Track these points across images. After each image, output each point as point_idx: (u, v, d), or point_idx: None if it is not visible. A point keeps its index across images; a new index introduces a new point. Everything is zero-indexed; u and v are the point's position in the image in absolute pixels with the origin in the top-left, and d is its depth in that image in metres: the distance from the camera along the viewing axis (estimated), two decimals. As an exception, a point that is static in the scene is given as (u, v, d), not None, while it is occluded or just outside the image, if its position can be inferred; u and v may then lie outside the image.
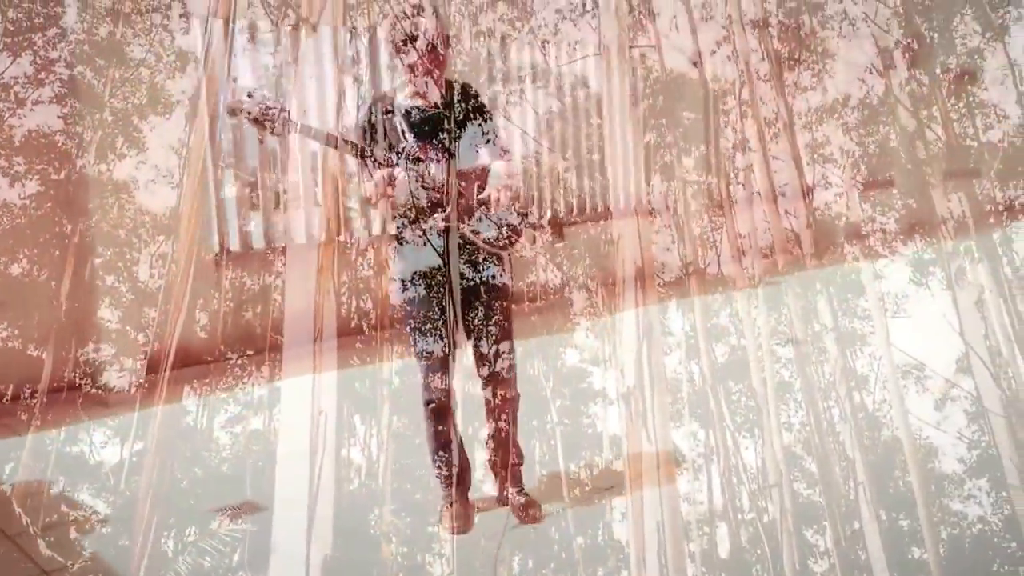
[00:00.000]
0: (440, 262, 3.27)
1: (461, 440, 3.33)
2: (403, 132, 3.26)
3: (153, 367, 4.36)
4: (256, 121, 3.07)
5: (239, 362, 4.43)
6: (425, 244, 3.29)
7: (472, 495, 3.01)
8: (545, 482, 2.99)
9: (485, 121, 3.28)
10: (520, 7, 6.29)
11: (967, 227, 4.82)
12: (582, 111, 6.09)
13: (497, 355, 3.21)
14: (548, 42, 6.24)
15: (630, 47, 6.22)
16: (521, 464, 3.31)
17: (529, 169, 5.74)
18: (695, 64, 6.55)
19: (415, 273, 3.22)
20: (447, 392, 3.26)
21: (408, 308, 3.29)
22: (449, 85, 3.30)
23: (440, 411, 3.28)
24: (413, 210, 3.25)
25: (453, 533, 3.13)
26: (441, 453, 3.30)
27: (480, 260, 3.22)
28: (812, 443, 2.98)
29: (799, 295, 4.32)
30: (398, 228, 3.28)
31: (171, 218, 4.78)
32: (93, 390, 4.16)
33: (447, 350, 3.31)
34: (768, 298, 4.38)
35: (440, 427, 3.28)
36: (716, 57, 6.27)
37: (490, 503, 2.79)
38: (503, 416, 3.24)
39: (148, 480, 3.03)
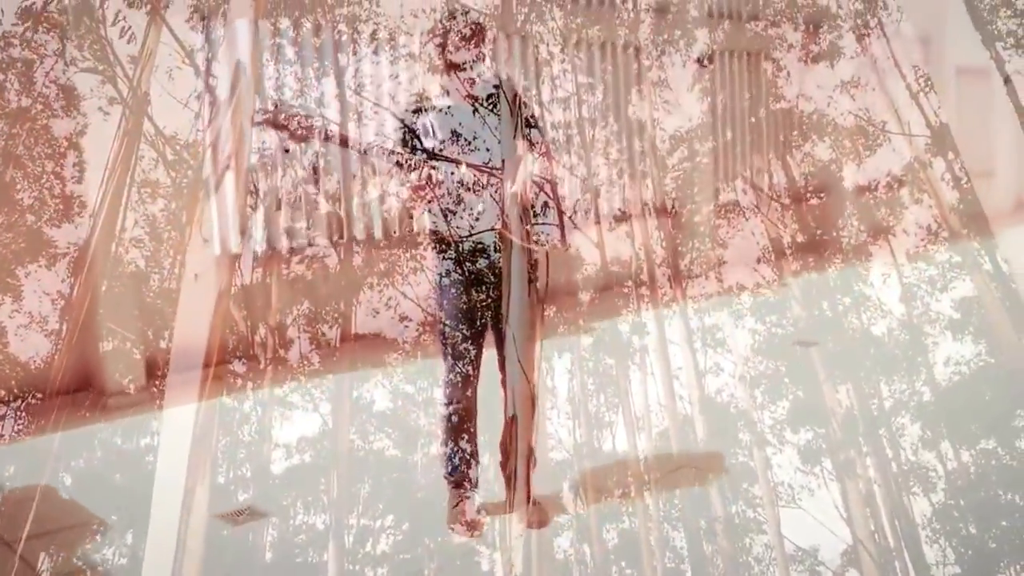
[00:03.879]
0: (482, 263, 3.18)
1: (476, 442, 3.17)
2: (434, 132, 3.22)
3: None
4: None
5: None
6: (465, 250, 3.19)
7: (480, 498, 2.92)
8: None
9: (528, 126, 3.26)
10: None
11: (855, 418, 4.88)
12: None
13: (521, 342, 3.10)
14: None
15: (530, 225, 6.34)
16: (533, 469, 3.15)
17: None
18: (596, 245, 6.71)
19: (457, 275, 3.13)
20: (471, 395, 3.15)
21: (443, 309, 3.21)
22: (494, 90, 3.29)
23: (460, 416, 3.18)
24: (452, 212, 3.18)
25: (462, 535, 2.98)
26: (455, 455, 3.15)
27: (520, 261, 3.16)
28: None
29: (688, 477, 4.24)
30: (435, 230, 3.23)
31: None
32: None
33: (476, 354, 3.21)
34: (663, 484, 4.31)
35: (457, 431, 3.14)
36: (614, 236, 6.44)
37: (497, 507, 2.71)
38: (518, 415, 3.15)
39: None
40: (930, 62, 8.88)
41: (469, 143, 3.32)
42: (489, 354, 3.34)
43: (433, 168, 3.24)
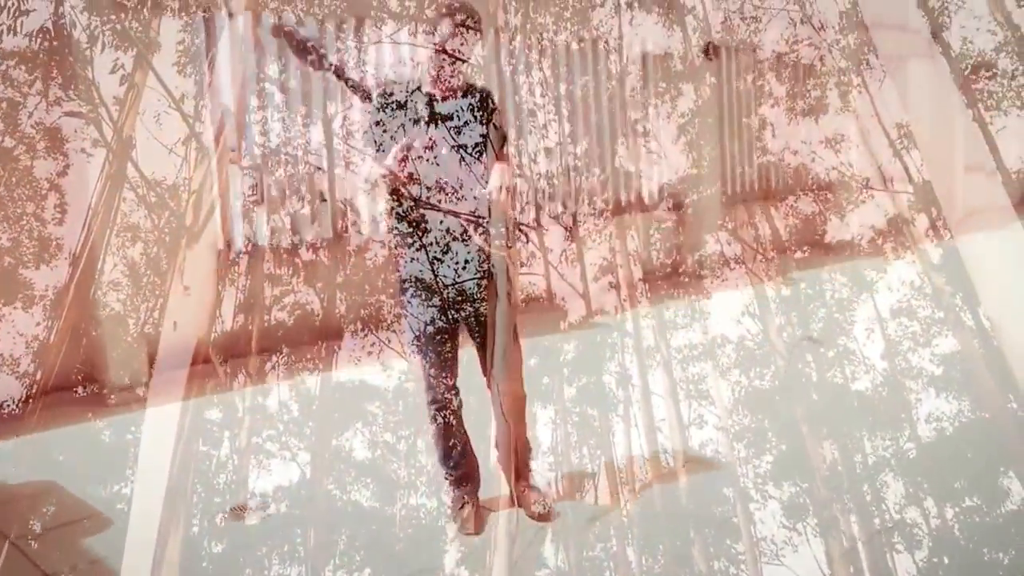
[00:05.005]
0: (440, 260, 3.12)
1: (468, 439, 3.08)
2: (414, 120, 3.20)
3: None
4: (299, 49, 3.05)
5: None
6: (424, 242, 3.15)
7: (482, 494, 2.83)
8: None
9: (496, 128, 3.24)
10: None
11: (839, 474, 4.84)
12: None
13: (502, 354, 3.04)
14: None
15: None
16: (530, 460, 3.08)
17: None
18: (581, 295, 6.70)
19: (417, 271, 3.07)
20: (453, 391, 3.07)
21: (409, 306, 3.14)
22: (470, 88, 3.27)
23: (446, 411, 3.10)
24: (413, 204, 3.15)
25: (466, 534, 2.91)
26: (449, 454, 3.08)
27: (483, 260, 3.11)
28: None
29: (671, 531, 4.18)
30: (396, 223, 3.19)
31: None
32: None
33: (451, 350, 3.13)
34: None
35: (446, 427, 3.07)
36: (599, 287, 6.45)
37: (502, 502, 2.63)
38: (509, 415, 3.10)
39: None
40: (912, 120, 9.02)
41: (456, 191, 3.33)
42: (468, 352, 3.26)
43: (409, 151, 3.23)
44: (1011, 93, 9.01)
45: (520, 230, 3.30)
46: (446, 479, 3.16)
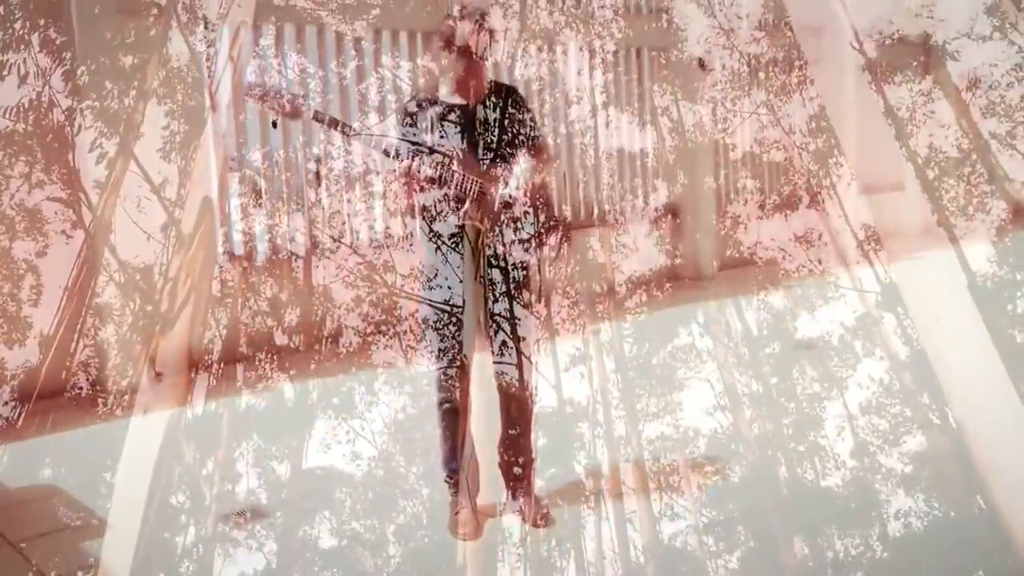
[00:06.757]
0: (460, 259, 3.11)
1: (473, 444, 3.04)
2: (433, 126, 3.21)
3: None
4: (265, 99, 3.02)
5: None
6: (445, 242, 3.13)
7: (480, 500, 2.77)
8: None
9: (526, 127, 3.21)
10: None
11: (809, 571, 4.82)
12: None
13: (514, 357, 3.00)
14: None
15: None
16: (533, 468, 3.04)
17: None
18: (553, 387, 6.72)
19: (436, 270, 3.05)
20: (462, 393, 3.03)
21: (427, 305, 3.13)
22: (497, 87, 3.26)
23: (453, 413, 3.07)
24: (435, 207, 3.14)
25: (462, 539, 2.88)
26: (452, 456, 3.04)
27: (501, 260, 3.09)
28: None
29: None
30: (421, 225, 3.19)
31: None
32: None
33: (464, 351, 3.09)
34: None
35: (452, 430, 3.03)
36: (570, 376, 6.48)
37: (499, 508, 2.55)
38: (516, 419, 3.07)
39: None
40: (880, 224, 9.27)
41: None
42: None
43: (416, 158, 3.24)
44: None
45: (558, 231, 3.32)
46: (446, 482, 3.18)
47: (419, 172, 3.32)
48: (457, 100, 3.43)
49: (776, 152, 9.52)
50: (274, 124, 5.72)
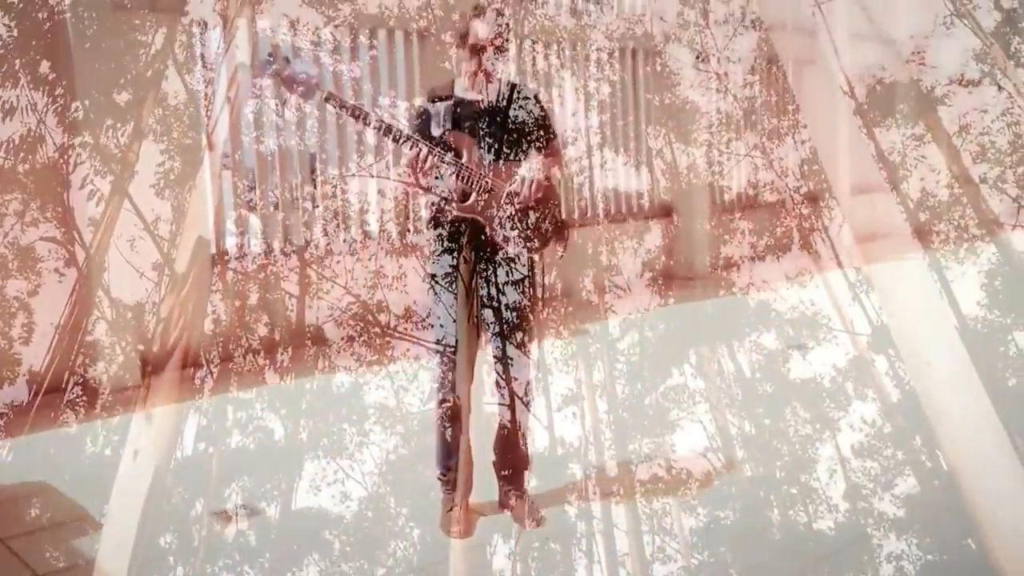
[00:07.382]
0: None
1: (469, 444, 3.04)
2: (443, 120, 3.21)
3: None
4: (285, 81, 3.02)
5: None
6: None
7: (473, 499, 2.78)
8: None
9: (540, 126, 3.21)
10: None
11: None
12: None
13: (516, 358, 2.99)
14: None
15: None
16: (526, 468, 3.04)
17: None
18: (546, 427, 6.71)
19: (441, 267, 3.05)
20: (463, 393, 3.04)
21: (432, 301, 3.15)
22: (513, 87, 3.26)
23: (453, 413, 3.08)
24: (442, 201, 3.14)
25: (455, 538, 2.88)
26: (447, 456, 3.04)
27: (504, 256, 3.09)
28: None
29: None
30: (428, 218, 3.22)
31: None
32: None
33: (467, 350, 3.09)
34: None
35: (450, 429, 3.03)
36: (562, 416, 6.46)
37: (492, 507, 2.53)
38: (512, 419, 3.10)
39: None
40: (870, 265, 9.33)
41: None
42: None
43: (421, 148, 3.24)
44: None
45: (559, 229, 3.32)
46: (439, 479, 3.19)
47: (426, 162, 3.37)
48: (472, 96, 3.49)
49: (770, 195, 9.60)
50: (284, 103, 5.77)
